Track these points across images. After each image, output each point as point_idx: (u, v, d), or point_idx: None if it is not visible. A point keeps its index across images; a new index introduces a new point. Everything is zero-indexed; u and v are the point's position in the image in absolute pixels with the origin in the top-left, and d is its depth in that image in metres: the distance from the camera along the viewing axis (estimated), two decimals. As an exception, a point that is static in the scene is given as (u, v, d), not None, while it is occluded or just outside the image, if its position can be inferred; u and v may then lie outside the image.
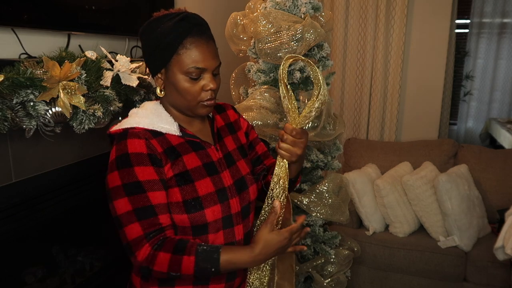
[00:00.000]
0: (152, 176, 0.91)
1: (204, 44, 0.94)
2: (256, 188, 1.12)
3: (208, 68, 0.95)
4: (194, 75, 0.94)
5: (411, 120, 3.30)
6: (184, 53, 0.93)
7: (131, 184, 0.90)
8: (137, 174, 0.90)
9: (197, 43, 0.93)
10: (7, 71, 1.16)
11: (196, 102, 0.97)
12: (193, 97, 0.96)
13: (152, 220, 0.89)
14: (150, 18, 0.99)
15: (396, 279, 2.47)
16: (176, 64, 0.94)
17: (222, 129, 1.12)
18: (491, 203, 2.61)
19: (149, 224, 0.89)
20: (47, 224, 1.66)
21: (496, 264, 2.25)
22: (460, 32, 4.54)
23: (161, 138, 0.96)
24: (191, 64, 0.93)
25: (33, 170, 1.51)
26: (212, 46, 0.96)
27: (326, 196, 1.86)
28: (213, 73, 0.97)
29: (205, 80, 0.95)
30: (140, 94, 1.63)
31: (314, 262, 1.90)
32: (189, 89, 0.95)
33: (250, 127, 1.21)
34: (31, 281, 1.64)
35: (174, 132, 0.98)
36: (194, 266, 0.87)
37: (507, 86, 4.60)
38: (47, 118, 1.28)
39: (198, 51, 0.93)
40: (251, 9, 1.90)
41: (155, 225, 0.90)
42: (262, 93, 1.80)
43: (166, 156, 0.95)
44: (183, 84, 0.94)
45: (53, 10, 1.52)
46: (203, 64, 0.94)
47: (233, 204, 1.02)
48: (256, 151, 1.20)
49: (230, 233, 1.02)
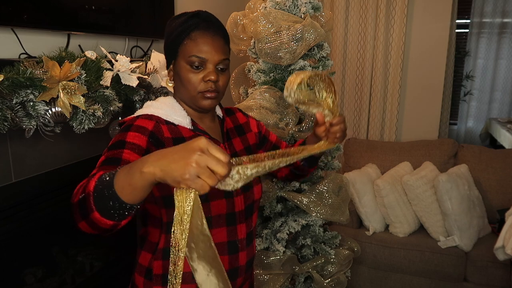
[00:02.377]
0: (141, 142, 0.89)
1: (209, 37, 0.97)
2: (260, 188, 1.14)
3: (209, 59, 0.97)
4: (196, 64, 0.97)
5: (411, 120, 3.30)
6: (188, 43, 0.97)
7: (117, 142, 0.88)
8: (127, 136, 0.89)
9: (202, 35, 0.97)
10: (7, 71, 1.16)
11: (196, 93, 0.99)
12: (193, 87, 0.98)
13: (110, 167, 0.78)
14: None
15: (396, 279, 2.47)
16: (181, 54, 0.98)
17: (230, 131, 1.15)
18: (491, 203, 2.61)
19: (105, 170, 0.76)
20: (47, 224, 1.66)
21: (496, 264, 2.25)
22: (460, 32, 4.53)
23: (172, 127, 0.99)
24: (193, 53, 0.96)
25: (33, 170, 1.51)
26: (218, 41, 0.99)
27: (326, 196, 1.86)
28: (218, 67, 0.99)
29: (206, 71, 0.98)
30: (140, 94, 1.63)
31: (314, 262, 1.90)
32: (190, 78, 0.98)
33: (260, 123, 1.25)
34: (31, 281, 1.64)
35: (186, 125, 1.01)
36: (96, 181, 0.69)
37: (507, 86, 4.60)
38: (47, 118, 1.28)
39: (201, 42, 0.97)
40: (251, 9, 1.90)
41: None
42: (262, 93, 1.80)
43: (172, 143, 0.96)
44: (185, 73, 0.98)
45: (53, 10, 1.52)
46: (204, 54, 0.96)
47: (237, 201, 1.04)
48: (271, 140, 1.26)
49: (233, 231, 1.03)
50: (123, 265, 2.11)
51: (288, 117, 1.81)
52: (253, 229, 1.12)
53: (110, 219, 0.68)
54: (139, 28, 2.02)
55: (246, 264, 1.09)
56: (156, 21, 2.14)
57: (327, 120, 1.07)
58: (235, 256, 1.05)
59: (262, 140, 1.24)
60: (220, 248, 1.02)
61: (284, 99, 1.81)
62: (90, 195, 0.68)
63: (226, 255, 1.03)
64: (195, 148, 0.61)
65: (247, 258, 1.08)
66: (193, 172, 0.60)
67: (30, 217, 1.55)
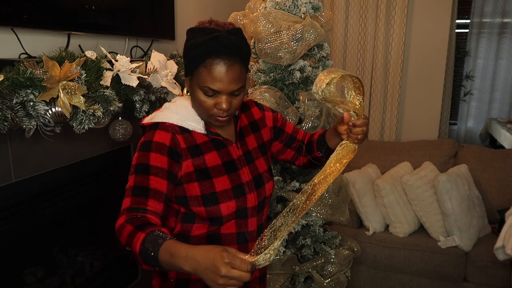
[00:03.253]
0: (162, 165, 0.98)
1: (224, 67, 0.96)
2: (272, 185, 1.18)
3: (222, 91, 0.98)
4: (209, 94, 0.99)
5: (411, 120, 3.30)
6: (203, 71, 0.97)
7: (141, 165, 0.98)
8: (150, 158, 0.98)
9: (217, 65, 0.96)
10: (7, 71, 1.16)
11: (208, 115, 1.03)
12: (205, 111, 1.02)
13: (141, 199, 0.94)
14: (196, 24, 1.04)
15: (396, 279, 2.47)
16: (195, 78, 1.00)
17: (244, 128, 1.18)
18: (491, 203, 2.61)
19: (137, 201, 0.94)
20: (47, 224, 1.66)
21: (496, 264, 2.25)
22: (460, 32, 4.53)
23: (187, 135, 1.04)
24: (206, 83, 0.97)
25: (33, 170, 1.51)
26: (234, 71, 0.97)
27: (326, 196, 1.86)
28: (232, 93, 1.00)
29: (219, 99, 1.00)
30: (140, 94, 1.63)
31: (314, 262, 1.90)
32: (203, 102, 1.00)
33: (276, 116, 1.27)
34: (31, 281, 1.64)
35: (199, 130, 1.06)
36: (140, 244, 0.83)
37: (507, 86, 4.60)
38: (47, 118, 1.28)
39: (216, 73, 0.96)
40: (251, 9, 1.90)
41: (141, 204, 0.94)
42: (262, 93, 1.80)
43: (188, 152, 1.03)
44: (199, 96, 1.00)
45: (53, 10, 1.52)
46: (217, 86, 0.97)
47: (250, 198, 1.09)
48: (287, 132, 1.28)
49: (243, 224, 1.09)
50: (123, 265, 2.11)
51: (288, 117, 1.81)
52: (264, 222, 1.16)
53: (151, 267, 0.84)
54: (139, 28, 2.02)
55: None
56: (156, 21, 2.14)
57: (352, 120, 1.08)
58: (244, 246, 1.09)
59: (277, 134, 1.26)
60: (228, 238, 1.08)
61: (284, 99, 1.82)
62: (137, 255, 0.84)
63: (234, 244, 1.08)
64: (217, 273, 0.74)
65: None
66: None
67: (30, 217, 1.55)
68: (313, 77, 1.86)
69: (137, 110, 1.68)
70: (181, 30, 2.33)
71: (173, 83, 1.80)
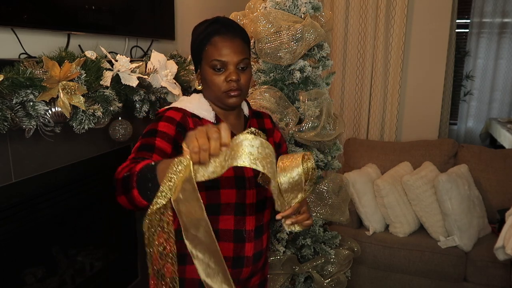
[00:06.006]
0: (169, 131, 1.02)
1: (228, 40, 1.06)
2: None
3: (229, 61, 1.05)
4: (218, 67, 1.06)
5: (411, 120, 3.29)
6: (209, 49, 1.06)
7: (150, 131, 1.03)
8: (159, 125, 1.03)
9: (221, 39, 1.06)
10: (7, 71, 1.16)
11: (221, 92, 1.08)
12: (218, 88, 1.07)
13: (146, 153, 0.97)
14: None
15: (396, 279, 2.47)
16: (204, 59, 1.08)
17: None
18: (491, 203, 2.61)
19: (142, 155, 0.96)
20: (47, 224, 1.66)
21: (496, 264, 2.25)
22: (460, 32, 4.53)
23: (197, 120, 1.09)
24: (214, 57, 1.05)
25: (33, 170, 1.51)
26: (236, 42, 1.07)
27: (326, 196, 1.86)
28: (239, 67, 1.07)
29: (228, 72, 1.06)
30: (140, 94, 1.63)
31: (314, 262, 1.90)
32: (214, 80, 1.07)
33: (282, 139, 1.32)
34: (31, 281, 1.64)
35: (210, 119, 1.10)
36: (142, 166, 0.83)
37: (507, 86, 4.60)
38: (47, 118, 1.28)
39: (221, 46, 1.05)
40: (251, 9, 1.90)
41: (146, 156, 0.96)
42: (262, 93, 1.80)
43: None
44: (209, 76, 1.07)
45: (53, 10, 1.52)
46: (224, 57, 1.05)
47: (249, 194, 1.11)
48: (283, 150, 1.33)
49: (241, 221, 1.10)
50: (123, 265, 2.11)
51: (288, 117, 1.81)
52: (263, 224, 1.17)
53: (145, 199, 0.80)
54: (139, 28, 2.02)
55: (254, 256, 1.13)
56: (156, 21, 2.14)
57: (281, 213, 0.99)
58: (241, 245, 1.10)
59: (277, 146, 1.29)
60: (226, 235, 1.09)
61: (284, 99, 1.82)
62: (135, 174, 0.81)
63: (231, 242, 1.09)
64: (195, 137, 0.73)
65: (254, 250, 1.13)
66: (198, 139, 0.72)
67: (30, 217, 1.55)
68: (313, 77, 1.86)
69: (137, 110, 1.68)
70: (181, 30, 2.33)
71: (173, 83, 1.80)
